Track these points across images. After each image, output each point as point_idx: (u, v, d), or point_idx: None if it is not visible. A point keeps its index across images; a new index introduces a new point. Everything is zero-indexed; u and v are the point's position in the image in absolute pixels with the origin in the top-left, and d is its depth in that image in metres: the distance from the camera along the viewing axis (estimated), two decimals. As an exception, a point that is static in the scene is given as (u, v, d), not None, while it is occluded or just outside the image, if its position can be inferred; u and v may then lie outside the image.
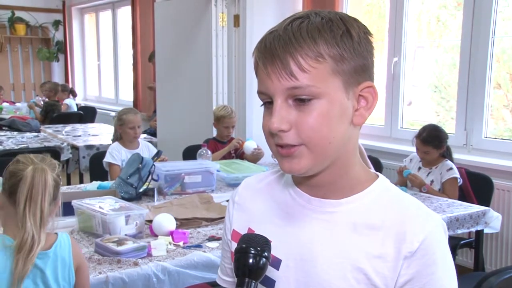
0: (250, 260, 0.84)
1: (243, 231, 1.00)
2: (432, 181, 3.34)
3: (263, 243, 0.86)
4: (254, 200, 1.02)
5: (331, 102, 0.85)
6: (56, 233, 1.73)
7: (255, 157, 3.80)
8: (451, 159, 3.40)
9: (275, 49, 0.84)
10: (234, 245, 1.01)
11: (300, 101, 0.85)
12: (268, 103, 0.88)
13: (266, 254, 0.85)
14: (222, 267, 1.10)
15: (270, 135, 0.88)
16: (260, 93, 0.89)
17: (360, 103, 0.88)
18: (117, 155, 3.54)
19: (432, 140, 3.32)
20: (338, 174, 0.91)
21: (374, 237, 0.87)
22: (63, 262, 1.69)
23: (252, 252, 0.84)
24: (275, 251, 0.88)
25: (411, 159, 3.54)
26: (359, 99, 0.88)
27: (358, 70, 0.86)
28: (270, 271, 0.92)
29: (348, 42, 0.85)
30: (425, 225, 0.87)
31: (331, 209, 0.91)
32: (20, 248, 1.58)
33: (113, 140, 3.72)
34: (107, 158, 3.53)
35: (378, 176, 0.95)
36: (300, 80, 0.83)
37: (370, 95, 0.89)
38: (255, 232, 0.97)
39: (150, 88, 6.74)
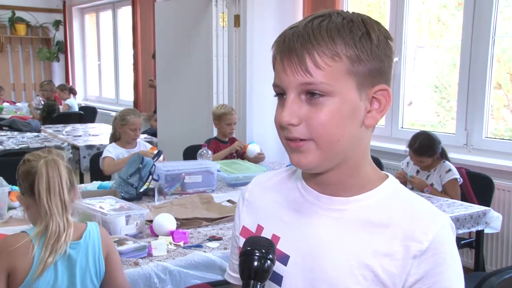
0: (255, 263, 0.85)
1: (252, 227, 1.01)
2: (432, 184, 3.32)
3: (268, 246, 0.86)
4: (264, 197, 1.03)
5: (343, 101, 0.86)
6: (85, 223, 1.77)
7: (256, 160, 3.85)
8: (448, 159, 3.39)
9: (293, 45, 0.86)
10: (242, 241, 1.02)
11: (312, 97, 0.86)
12: (281, 95, 0.90)
13: (271, 256, 0.86)
14: (231, 263, 1.11)
15: (281, 128, 0.89)
16: (274, 85, 0.91)
17: (373, 105, 0.89)
18: (112, 151, 3.58)
19: (425, 150, 3.28)
20: (348, 174, 0.92)
21: (382, 235, 0.88)
22: (93, 251, 1.73)
23: (257, 254, 0.85)
24: (283, 247, 0.88)
25: (407, 163, 3.51)
26: (372, 101, 0.89)
27: (374, 73, 0.87)
28: (278, 267, 0.93)
29: (367, 44, 0.85)
30: (434, 224, 0.88)
31: (340, 206, 0.92)
32: (50, 237, 1.63)
33: (111, 141, 3.74)
34: (104, 155, 3.58)
35: (387, 176, 0.96)
36: (315, 77, 0.84)
37: (384, 98, 0.89)
38: (264, 229, 0.98)
39: (151, 81, 6.67)
